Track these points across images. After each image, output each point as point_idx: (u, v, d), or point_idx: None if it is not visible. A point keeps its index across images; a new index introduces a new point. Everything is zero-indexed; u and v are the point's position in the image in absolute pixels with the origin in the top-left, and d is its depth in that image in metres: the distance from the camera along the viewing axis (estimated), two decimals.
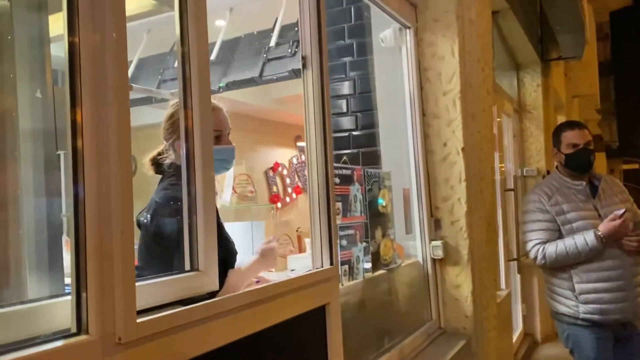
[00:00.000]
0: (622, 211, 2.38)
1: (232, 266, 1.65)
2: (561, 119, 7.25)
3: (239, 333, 1.26)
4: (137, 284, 1.04)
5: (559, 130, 2.63)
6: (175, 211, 1.42)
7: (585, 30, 5.09)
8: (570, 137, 2.54)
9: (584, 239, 2.39)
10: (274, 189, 5.55)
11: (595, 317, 2.41)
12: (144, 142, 1.69)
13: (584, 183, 2.54)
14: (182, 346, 1.09)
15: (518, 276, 4.62)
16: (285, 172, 5.76)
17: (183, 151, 1.27)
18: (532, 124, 5.28)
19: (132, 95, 3.75)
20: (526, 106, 5.37)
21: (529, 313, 4.87)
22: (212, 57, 3.45)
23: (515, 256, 4.20)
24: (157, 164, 1.70)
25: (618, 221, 2.36)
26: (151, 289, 1.12)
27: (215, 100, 1.71)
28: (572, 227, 2.45)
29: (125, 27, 1.01)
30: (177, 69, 1.29)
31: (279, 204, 5.40)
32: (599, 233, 2.38)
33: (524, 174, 5.07)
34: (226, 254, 1.59)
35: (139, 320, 0.98)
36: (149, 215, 1.51)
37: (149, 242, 1.50)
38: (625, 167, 31.31)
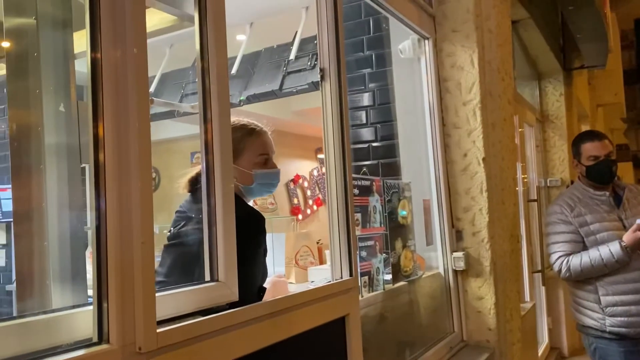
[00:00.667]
0: None
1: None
2: (585, 128, 7.14)
3: (259, 344, 1.27)
4: (157, 294, 1.05)
5: (578, 142, 2.59)
6: (199, 222, 1.45)
7: (609, 38, 5.02)
8: (590, 149, 2.50)
9: (609, 250, 2.34)
10: (295, 201, 5.57)
11: (623, 330, 2.35)
12: (166, 156, 1.71)
13: (607, 193, 2.49)
14: (201, 356, 1.09)
15: (543, 288, 4.53)
16: (306, 184, 5.78)
17: (203, 164, 1.29)
18: (555, 134, 5.21)
19: (154, 110, 3.80)
20: (549, 116, 5.30)
21: (555, 326, 4.77)
22: (233, 71, 3.51)
23: (539, 268, 4.12)
24: (193, 183, 1.62)
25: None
26: (171, 300, 1.13)
27: (261, 123, 1.73)
28: (596, 239, 2.40)
29: (146, 43, 1.03)
30: (197, 83, 1.31)
31: (299, 216, 5.41)
32: (624, 244, 2.32)
33: (548, 185, 5.00)
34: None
35: (159, 330, 0.99)
36: (180, 225, 1.53)
37: (176, 254, 1.52)
38: None
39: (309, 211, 5.66)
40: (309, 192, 5.85)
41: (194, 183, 1.57)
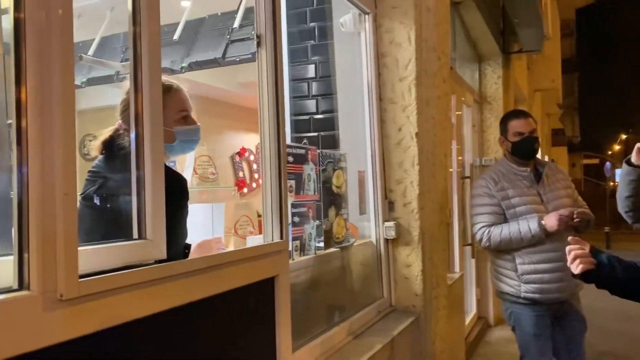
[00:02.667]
0: (572, 210, 2.49)
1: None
2: None
3: (185, 299, 1.31)
4: (82, 248, 1.08)
5: (505, 119, 2.75)
6: (116, 182, 1.46)
7: (545, 24, 5.25)
8: (516, 126, 2.66)
9: (528, 226, 2.50)
10: (240, 174, 5.55)
11: (536, 295, 2.55)
12: (107, 123, 1.69)
13: (529, 169, 2.66)
14: (125, 307, 1.13)
15: (473, 261, 4.78)
16: (252, 157, 5.78)
17: (133, 132, 1.29)
18: (491, 115, 5.43)
19: (92, 74, 3.69)
20: (487, 97, 5.52)
21: (483, 297, 5.06)
22: (176, 37, 3.44)
23: (470, 241, 4.34)
24: (108, 145, 1.61)
25: (562, 215, 2.46)
26: (97, 254, 1.16)
27: (176, 80, 1.74)
28: (516, 212, 2.57)
29: (72, 4, 1.03)
30: (129, 48, 1.31)
31: (245, 189, 5.41)
32: (543, 222, 2.49)
33: (482, 164, 5.23)
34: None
35: (81, 280, 1.02)
36: (96, 184, 1.53)
37: (93, 213, 1.52)
38: (586, 161, 32.41)
39: (254, 185, 5.67)
40: (255, 166, 5.85)
41: (109, 145, 1.57)
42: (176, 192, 1.53)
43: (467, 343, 4.25)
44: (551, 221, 2.47)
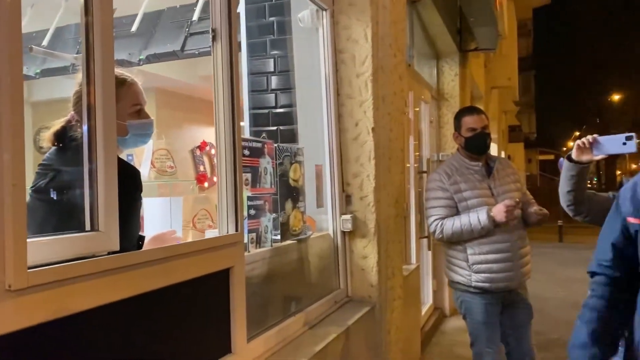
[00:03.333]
0: (517, 199, 2.61)
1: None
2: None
3: (139, 289, 1.33)
4: (32, 239, 1.08)
5: (459, 115, 2.84)
6: (69, 175, 1.46)
7: (500, 24, 5.41)
8: (469, 121, 2.75)
9: (477, 218, 2.61)
10: (201, 168, 5.51)
11: (486, 285, 2.65)
12: (64, 115, 1.67)
13: (481, 164, 2.76)
14: (76, 297, 1.14)
15: (429, 253, 4.90)
16: (213, 151, 5.74)
17: (85, 124, 1.29)
18: (449, 112, 5.57)
19: (47, 65, 3.60)
20: (444, 94, 5.65)
21: (439, 288, 5.20)
22: (133, 28, 3.40)
23: (426, 234, 4.45)
24: (59, 136, 1.60)
25: (508, 205, 2.57)
26: (48, 245, 1.16)
27: (131, 74, 1.73)
28: (467, 204, 2.67)
29: None
30: (81, 39, 1.31)
31: (205, 184, 5.38)
32: (492, 214, 2.59)
33: (440, 159, 5.36)
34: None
35: (30, 270, 1.03)
36: (47, 177, 1.52)
37: (49, 204, 1.52)
38: (542, 157, 33.48)
39: (215, 179, 5.62)
40: (216, 160, 5.80)
41: (61, 136, 1.56)
42: (129, 184, 1.53)
43: (423, 333, 4.38)
44: (499, 213, 2.58)
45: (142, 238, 1.70)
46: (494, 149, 11.48)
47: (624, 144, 2.03)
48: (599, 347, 1.57)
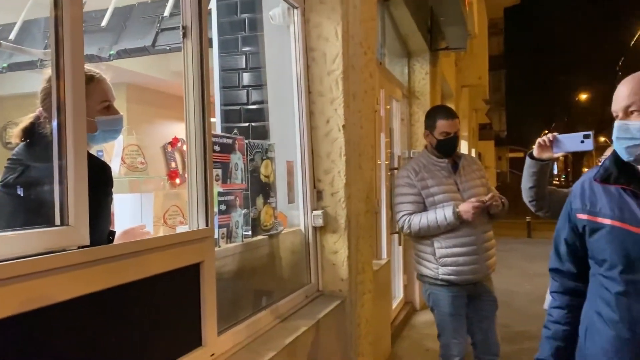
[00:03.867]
0: (484, 198, 2.69)
1: None
2: (450, 106, 7.79)
3: (109, 283, 1.35)
4: (1, 233, 1.09)
5: (434, 116, 2.88)
6: (46, 170, 1.46)
7: (470, 23, 5.52)
8: (444, 125, 2.81)
9: (444, 214, 2.68)
10: (173, 164, 5.48)
11: (452, 277, 2.73)
12: (31, 110, 1.66)
13: (447, 161, 2.84)
14: (45, 291, 1.16)
15: (400, 248, 4.99)
16: (185, 147, 5.70)
17: (55, 119, 1.30)
18: (419, 109, 5.66)
19: (14, 59, 3.54)
20: (415, 92, 5.74)
21: (410, 283, 5.29)
22: (104, 23, 3.38)
23: (397, 229, 4.53)
24: (28, 132, 1.60)
25: (474, 203, 2.66)
26: (16, 239, 1.17)
27: (99, 69, 1.73)
28: (434, 200, 2.75)
29: None
30: (50, 33, 1.31)
31: (177, 180, 5.35)
32: (457, 210, 2.67)
33: (411, 156, 5.45)
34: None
35: None
36: (16, 172, 1.52)
37: (18, 198, 1.52)
38: (512, 155, 34.16)
39: (187, 175, 5.58)
40: (186, 155, 5.76)
41: (29, 132, 1.56)
42: (99, 179, 1.54)
43: (394, 326, 4.46)
44: (466, 212, 2.65)
45: (112, 233, 1.71)
46: (464, 147, 11.69)
47: (582, 141, 2.12)
48: None
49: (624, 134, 1.47)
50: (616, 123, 1.50)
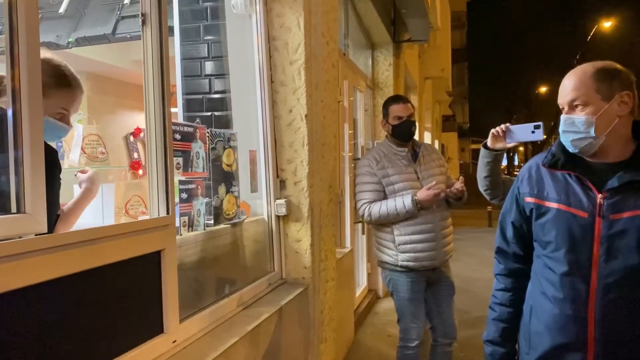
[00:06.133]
0: (434, 183, 2.77)
1: None
2: (413, 97, 7.91)
3: (68, 270, 1.35)
4: None
5: (387, 104, 2.97)
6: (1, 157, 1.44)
7: (432, 16, 5.61)
8: (396, 110, 2.89)
9: (403, 202, 2.76)
10: (135, 155, 5.40)
11: (411, 263, 2.82)
12: None
13: (407, 150, 2.91)
14: (1, 278, 1.15)
15: (363, 237, 5.07)
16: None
17: (10, 108, 1.28)
18: (383, 100, 5.71)
19: None
20: (379, 83, 5.81)
21: (373, 271, 5.39)
22: (61, 10, 3.31)
23: (360, 219, 4.60)
24: None
25: (432, 191, 2.74)
26: None
27: (60, 57, 1.70)
28: (394, 188, 2.82)
29: None
30: (4, 20, 1.29)
31: (140, 171, 5.28)
32: (416, 198, 2.75)
33: (374, 146, 5.52)
34: None
35: None
36: None
37: None
38: (474, 146, 34.86)
39: (147, 163, 5.51)
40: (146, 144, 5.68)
41: None
42: (47, 163, 1.53)
43: (357, 313, 4.54)
44: (424, 198, 2.73)
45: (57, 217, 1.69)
46: (427, 138, 11.88)
47: (533, 132, 2.21)
48: (509, 345, 1.75)
49: (570, 128, 1.55)
50: (562, 117, 1.58)
